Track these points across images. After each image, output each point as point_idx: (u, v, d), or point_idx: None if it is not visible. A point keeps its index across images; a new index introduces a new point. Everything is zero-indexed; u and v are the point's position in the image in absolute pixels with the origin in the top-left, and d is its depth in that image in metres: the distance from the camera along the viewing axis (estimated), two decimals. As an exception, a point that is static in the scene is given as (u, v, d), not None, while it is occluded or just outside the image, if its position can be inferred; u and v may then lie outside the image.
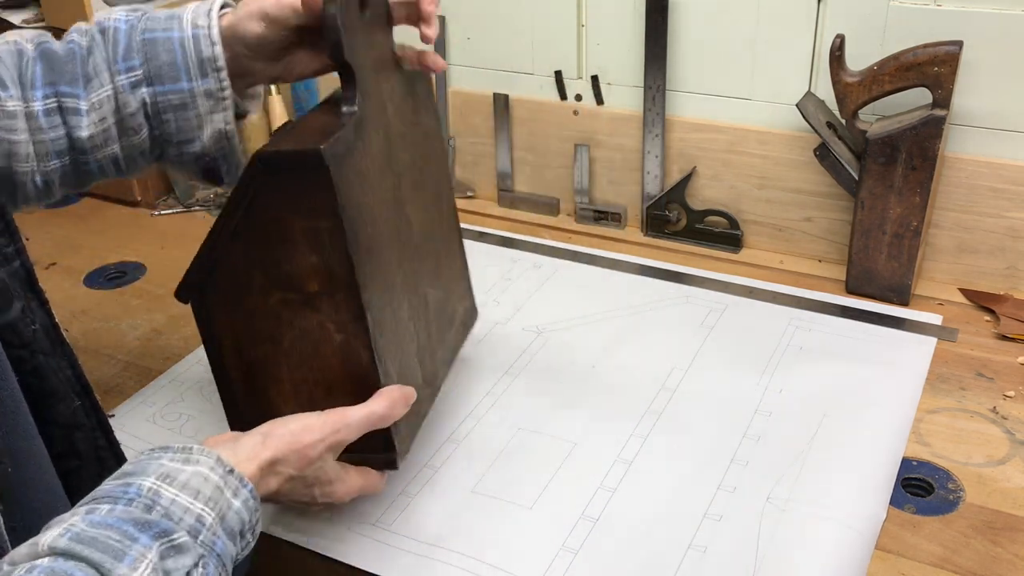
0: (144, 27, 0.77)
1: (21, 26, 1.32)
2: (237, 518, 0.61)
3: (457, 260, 0.93)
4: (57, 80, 0.76)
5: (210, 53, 0.76)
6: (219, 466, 0.61)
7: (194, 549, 0.56)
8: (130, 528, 0.54)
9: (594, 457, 0.86)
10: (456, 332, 0.91)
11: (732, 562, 0.75)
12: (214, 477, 0.60)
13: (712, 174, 1.19)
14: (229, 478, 0.61)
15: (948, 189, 1.06)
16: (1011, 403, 0.92)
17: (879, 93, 1.01)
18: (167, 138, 0.79)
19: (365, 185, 0.71)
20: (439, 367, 0.86)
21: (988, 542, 0.77)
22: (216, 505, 0.59)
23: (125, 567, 0.52)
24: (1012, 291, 1.08)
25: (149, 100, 0.77)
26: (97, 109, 0.76)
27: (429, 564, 0.76)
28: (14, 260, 0.65)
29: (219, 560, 0.58)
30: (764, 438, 0.87)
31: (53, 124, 0.76)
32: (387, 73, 0.77)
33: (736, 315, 1.06)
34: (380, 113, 0.76)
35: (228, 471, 0.62)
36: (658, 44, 1.14)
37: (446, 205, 0.91)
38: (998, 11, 0.98)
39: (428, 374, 0.83)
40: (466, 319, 0.94)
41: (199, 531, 0.58)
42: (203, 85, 0.76)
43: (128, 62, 0.76)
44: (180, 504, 0.58)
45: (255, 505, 0.63)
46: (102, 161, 0.79)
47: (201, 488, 0.59)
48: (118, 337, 1.09)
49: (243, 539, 0.62)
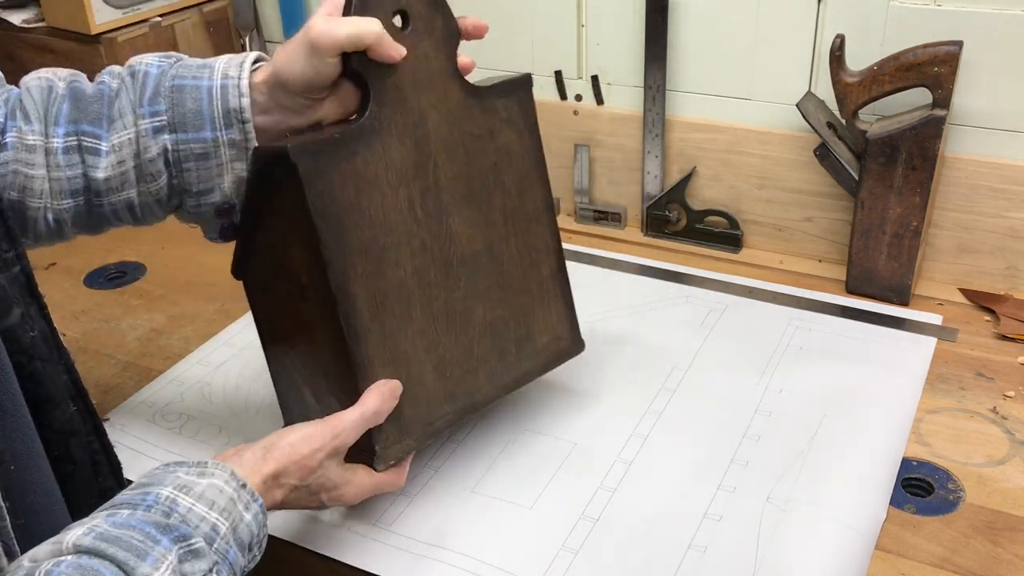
0: (175, 73, 0.76)
1: (21, 26, 1.32)
2: (247, 531, 0.63)
3: (550, 288, 0.88)
4: (81, 119, 0.75)
5: (237, 104, 0.74)
6: (233, 480, 0.63)
7: (209, 555, 0.58)
8: (151, 530, 0.56)
9: (594, 457, 0.86)
10: (530, 359, 0.86)
11: (732, 562, 0.75)
12: (228, 490, 0.62)
13: (712, 174, 1.19)
14: (242, 492, 0.63)
15: (948, 189, 1.06)
16: (1011, 403, 0.92)
17: (879, 93, 1.01)
18: (186, 188, 0.77)
19: (367, 189, 0.74)
20: (482, 386, 0.83)
21: (988, 542, 0.77)
22: (230, 516, 0.61)
23: (148, 566, 0.53)
24: (1012, 291, 1.08)
25: (171, 147, 0.75)
26: (117, 151, 0.75)
27: (429, 564, 0.76)
28: (14, 265, 0.65)
29: (231, 568, 0.60)
30: (764, 438, 0.87)
31: (71, 162, 0.75)
32: (435, 86, 0.77)
33: (736, 315, 1.06)
34: (412, 124, 0.76)
35: (241, 485, 0.64)
36: (658, 44, 1.14)
37: (534, 227, 0.86)
38: (998, 11, 0.98)
39: (454, 389, 0.81)
40: (556, 350, 0.89)
41: (214, 539, 0.59)
42: (227, 135, 0.75)
43: (153, 107, 0.75)
44: (197, 513, 0.60)
45: (263, 520, 0.65)
46: (116, 205, 0.78)
47: (216, 499, 0.61)
48: (118, 337, 1.09)
49: (251, 552, 0.63)
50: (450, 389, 0.81)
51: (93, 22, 1.26)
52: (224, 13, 1.43)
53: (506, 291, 0.84)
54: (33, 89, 0.77)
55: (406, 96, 0.76)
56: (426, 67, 0.77)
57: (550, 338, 0.88)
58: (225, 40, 1.44)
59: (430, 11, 0.76)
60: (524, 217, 0.85)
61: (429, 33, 0.77)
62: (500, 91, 0.82)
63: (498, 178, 0.83)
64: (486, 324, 0.83)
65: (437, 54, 0.77)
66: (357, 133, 0.73)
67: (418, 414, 0.79)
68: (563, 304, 0.89)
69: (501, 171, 0.83)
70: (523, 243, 0.85)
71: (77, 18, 1.26)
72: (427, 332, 0.79)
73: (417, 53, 0.76)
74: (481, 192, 0.81)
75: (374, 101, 0.74)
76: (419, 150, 0.77)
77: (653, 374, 0.97)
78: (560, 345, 0.89)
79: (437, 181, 0.78)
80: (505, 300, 0.84)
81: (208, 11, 1.40)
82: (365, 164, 0.73)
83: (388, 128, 0.75)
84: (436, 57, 0.77)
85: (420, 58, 0.76)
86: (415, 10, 0.75)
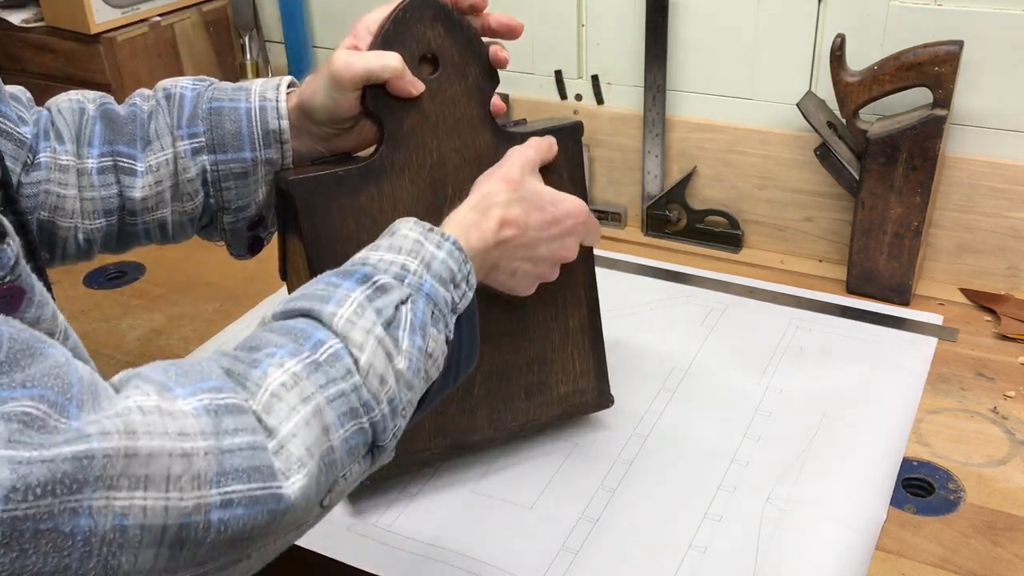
0: (211, 96, 0.77)
1: (21, 25, 1.32)
2: (444, 266, 0.63)
3: (578, 340, 0.85)
4: (116, 140, 0.76)
5: (276, 126, 0.76)
6: (417, 225, 0.64)
7: (400, 288, 0.59)
8: (334, 278, 0.59)
9: (594, 457, 0.86)
10: (543, 408, 0.85)
11: (732, 562, 0.75)
12: (412, 234, 0.63)
13: (712, 174, 1.19)
14: (429, 234, 0.64)
15: (949, 189, 1.06)
16: (1011, 403, 0.92)
17: (879, 93, 1.01)
18: (224, 205, 0.79)
19: (370, 224, 0.75)
20: (479, 426, 0.83)
21: (988, 542, 0.77)
22: (418, 255, 0.62)
23: (332, 306, 0.56)
24: (1013, 291, 1.08)
25: (210, 167, 0.77)
26: (154, 171, 0.77)
27: (429, 564, 0.76)
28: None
29: (429, 299, 0.60)
30: (764, 438, 0.87)
31: (106, 183, 0.76)
32: (461, 131, 0.77)
33: (736, 315, 1.06)
34: (429, 166, 0.77)
35: (428, 229, 0.64)
36: (658, 44, 1.14)
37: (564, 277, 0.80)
38: (998, 11, 0.98)
39: (447, 425, 0.81)
40: (577, 403, 0.87)
41: (404, 276, 0.60)
42: (266, 155, 0.77)
43: (192, 128, 0.76)
44: (384, 260, 0.61)
45: (461, 257, 0.64)
46: (149, 225, 0.79)
47: (402, 245, 0.62)
48: (118, 337, 1.08)
49: (457, 288, 0.63)
50: (442, 424, 0.81)
51: (92, 22, 1.26)
52: (224, 13, 1.43)
53: (520, 338, 0.83)
54: (65, 111, 0.77)
55: (424, 139, 0.76)
56: (452, 112, 0.77)
57: (571, 390, 0.86)
58: (224, 40, 1.44)
59: (464, 58, 0.76)
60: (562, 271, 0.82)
61: (461, 79, 0.76)
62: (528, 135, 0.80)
63: None
64: (492, 368, 0.82)
65: (468, 100, 0.77)
66: (364, 171, 0.75)
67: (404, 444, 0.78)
68: (591, 357, 0.86)
69: None
70: (549, 293, 0.82)
71: (77, 18, 1.26)
72: None
73: (444, 97, 0.76)
74: None
75: (386, 142, 0.75)
76: (435, 192, 0.77)
77: (653, 374, 0.97)
78: (582, 398, 0.87)
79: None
80: (518, 347, 0.83)
81: (208, 11, 1.40)
82: (370, 200, 0.75)
83: (400, 168, 0.76)
84: (466, 103, 0.77)
85: (447, 102, 0.76)
86: (446, 55, 0.75)
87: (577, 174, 0.82)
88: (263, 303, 1.11)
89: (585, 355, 0.86)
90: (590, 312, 0.86)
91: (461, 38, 0.75)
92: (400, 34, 0.73)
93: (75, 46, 1.29)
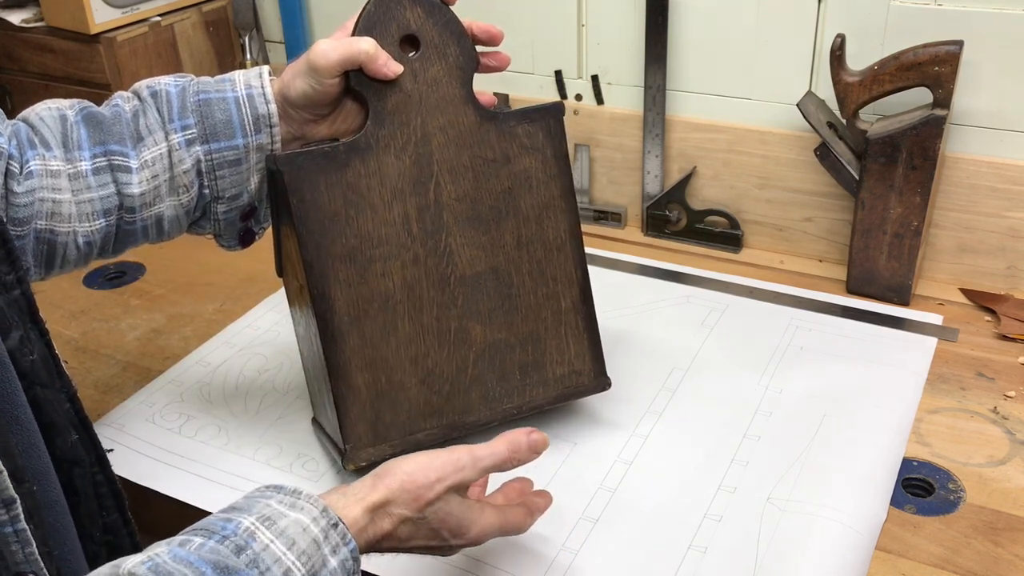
0: (196, 89, 0.79)
1: (20, 25, 1.32)
2: None
3: (570, 320, 0.86)
4: (106, 140, 0.77)
5: (265, 111, 0.78)
6: (323, 517, 0.58)
7: None
8: (208, 571, 0.52)
9: (594, 457, 0.86)
10: (538, 388, 0.86)
11: (732, 562, 0.75)
12: (314, 529, 0.57)
13: (712, 174, 1.19)
14: (331, 532, 0.58)
15: (949, 189, 1.06)
16: (1012, 403, 0.92)
17: (879, 93, 1.01)
18: (219, 195, 0.80)
19: (357, 200, 0.78)
20: (475, 406, 0.83)
21: (989, 542, 0.77)
22: (309, 560, 0.56)
23: None
24: (1013, 291, 1.08)
25: (204, 157, 0.78)
26: (149, 167, 0.77)
27: (429, 564, 0.76)
28: (14, 288, 0.64)
29: None
30: (764, 438, 0.87)
31: (103, 182, 0.77)
32: (445, 109, 0.80)
33: (736, 315, 1.06)
34: (414, 144, 0.80)
35: (332, 524, 0.58)
36: (658, 44, 1.14)
37: (555, 255, 0.85)
38: (998, 11, 0.98)
39: (443, 404, 0.82)
40: (573, 384, 0.87)
41: None
42: (257, 140, 0.79)
43: (183, 121, 0.78)
44: (272, 552, 0.55)
45: (353, 567, 0.58)
46: (147, 221, 0.80)
47: (298, 539, 0.56)
48: (117, 337, 1.08)
49: None
50: (438, 404, 0.82)
51: (92, 22, 1.26)
52: (224, 13, 1.43)
53: (513, 315, 0.84)
54: (46, 118, 0.77)
55: (408, 117, 0.79)
56: (435, 91, 0.80)
57: (567, 371, 0.87)
58: (224, 40, 1.44)
59: (443, 39, 0.79)
60: (542, 245, 0.84)
61: (441, 59, 0.80)
62: (524, 117, 0.83)
63: (512, 203, 0.83)
64: (484, 345, 0.83)
65: (449, 80, 0.80)
66: (350, 147, 0.78)
67: (398, 420, 0.81)
68: (586, 338, 0.87)
69: (517, 196, 0.83)
70: (539, 271, 0.84)
71: (76, 18, 1.26)
72: (415, 343, 0.81)
73: (426, 77, 0.79)
74: (490, 215, 0.82)
75: (372, 120, 0.78)
76: (420, 169, 0.80)
77: (653, 374, 0.97)
78: (578, 379, 0.87)
79: (438, 200, 0.80)
80: (511, 324, 0.84)
81: (207, 11, 1.40)
82: (356, 177, 0.78)
83: (385, 146, 0.79)
84: (448, 83, 0.80)
85: (429, 82, 0.80)
86: (426, 36, 0.79)
87: (558, 150, 0.84)
88: (263, 303, 1.11)
89: (579, 336, 0.87)
90: (581, 292, 0.87)
91: (440, 19, 0.79)
92: (381, 16, 0.78)
93: (75, 46, 1.29)
